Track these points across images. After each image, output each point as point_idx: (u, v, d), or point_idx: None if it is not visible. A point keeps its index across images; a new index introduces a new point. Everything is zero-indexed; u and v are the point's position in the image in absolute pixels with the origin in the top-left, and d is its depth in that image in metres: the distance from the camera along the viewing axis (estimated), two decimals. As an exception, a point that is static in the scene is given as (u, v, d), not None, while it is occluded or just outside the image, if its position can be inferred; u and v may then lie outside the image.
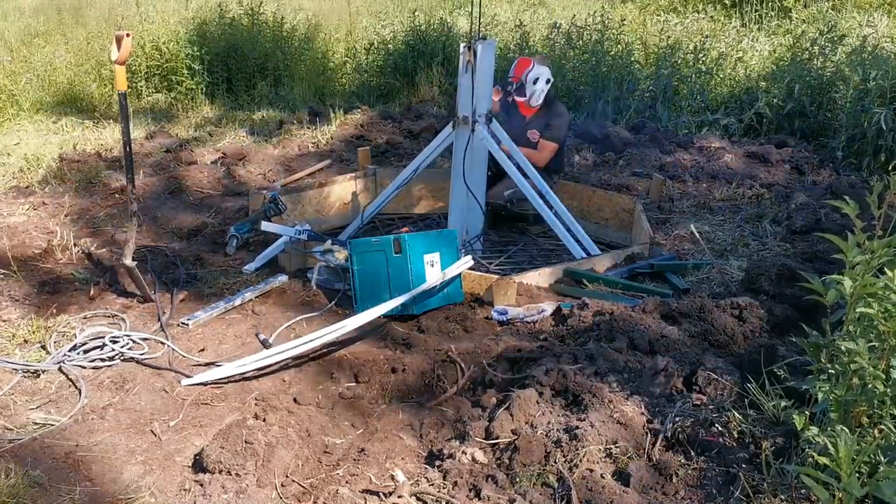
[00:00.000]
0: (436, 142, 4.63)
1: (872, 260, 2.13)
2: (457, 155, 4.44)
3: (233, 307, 3.69)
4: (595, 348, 2.90)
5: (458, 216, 4.55)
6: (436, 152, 4.67)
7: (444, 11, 10.50)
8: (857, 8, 10.30)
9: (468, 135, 4.37)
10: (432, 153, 4.66)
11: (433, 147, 4.64)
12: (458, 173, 4.44)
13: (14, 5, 10.79)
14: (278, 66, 8.84)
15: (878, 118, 5.73)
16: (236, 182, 5.63)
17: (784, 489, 2.12)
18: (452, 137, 4.47)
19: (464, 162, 4.38)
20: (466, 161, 4.38)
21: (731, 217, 5.04)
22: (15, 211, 4.86)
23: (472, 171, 4.44)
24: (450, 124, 4.49)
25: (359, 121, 7.21)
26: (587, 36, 8.30)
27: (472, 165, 4.41)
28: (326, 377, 3.07)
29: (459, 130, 4.41)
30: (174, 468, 2.50)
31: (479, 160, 4.46)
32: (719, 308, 3.31)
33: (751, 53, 7.98)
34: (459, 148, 4.40)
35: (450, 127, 4.49)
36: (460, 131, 4.41)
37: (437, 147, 4.62)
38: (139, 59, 8.49)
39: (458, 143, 4.42)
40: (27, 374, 3.05)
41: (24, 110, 7.68)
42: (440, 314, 3.60)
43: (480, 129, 4.37)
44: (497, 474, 2.29)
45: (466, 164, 4.38)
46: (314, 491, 2.38)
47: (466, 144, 4.37)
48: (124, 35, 3.39)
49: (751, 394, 2.54)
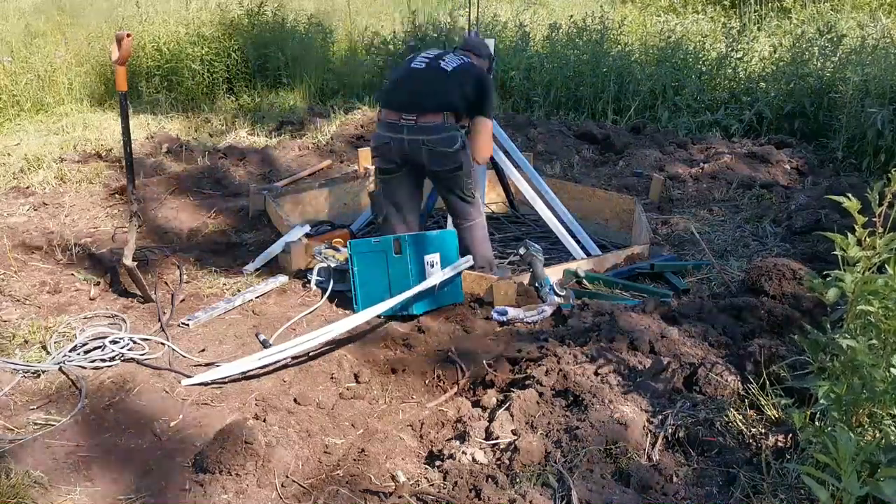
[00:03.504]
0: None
1: (873, 257, 2.13)
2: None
3: (233, 307, 3.69)
4: (595, 349, 2.90)
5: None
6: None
7: (444, 12, 10.49)
8: (857, 9, 10.31)
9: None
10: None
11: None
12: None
13: (15, 5, 10.79)
14: (279, 67, 8.84)
15: (878, 118, 5.72)
16: (236, 182, 5.63)
17: (784, 489, 2.12)
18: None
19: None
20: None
21: (731, 217, 5.04)
22: (15, 211, 4.86)
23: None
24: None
25: (359, 121, 7.22)
26: (587, 36, 8.30)
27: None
28: (326, 377, 3.07)
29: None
30: (174, 468, 2.50)
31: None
32: (719, 308, 3.31)
33: (751, 54, 7.98)
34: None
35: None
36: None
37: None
38: (140, 59, 8.50)
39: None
40: (27, 374, 3.05)
41: (24, 110, 7.68)
42: (440, 314, 3.60)
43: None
44: (497, 474, 2.29)
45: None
46: (314, 491, 2.38)
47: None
48: (124, 35, 3.39)
49: (751, 394, 2.54)
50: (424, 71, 3.83)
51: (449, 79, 3.78)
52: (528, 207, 4.73)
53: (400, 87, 3.89)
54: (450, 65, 3.82)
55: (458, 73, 3.81)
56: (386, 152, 3.85)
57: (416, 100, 3.76)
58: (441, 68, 3.81)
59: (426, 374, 3.08)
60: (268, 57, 8.85)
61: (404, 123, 3.74)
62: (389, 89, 3.97)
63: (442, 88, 3.76)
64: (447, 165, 3.82)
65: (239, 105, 8.44)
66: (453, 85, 3.78)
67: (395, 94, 3.87)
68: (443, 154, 3.77)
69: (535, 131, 6.74)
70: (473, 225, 4.01)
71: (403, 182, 3.96)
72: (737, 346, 2.97)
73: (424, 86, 3.79)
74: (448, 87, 3.77)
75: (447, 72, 3.80)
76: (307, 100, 8.59)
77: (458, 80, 3.79)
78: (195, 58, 8.50)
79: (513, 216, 5.21)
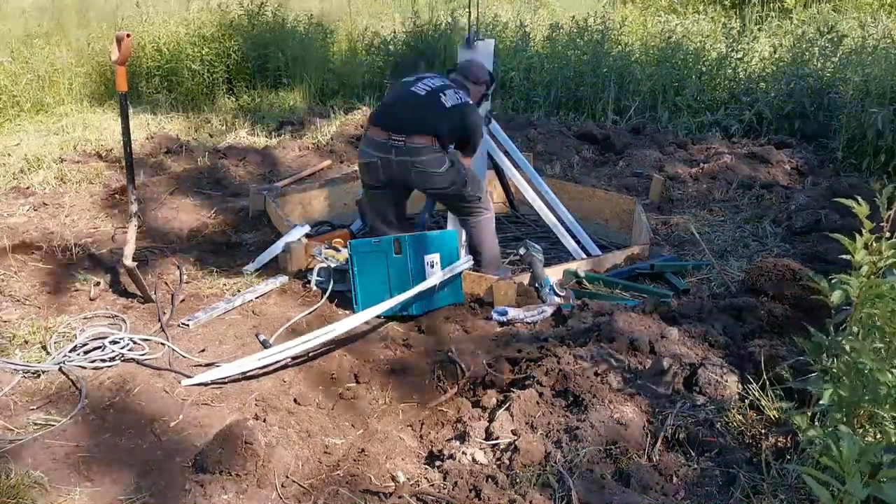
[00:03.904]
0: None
1: (879, 261, 2.14)
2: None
3: (233, 308, 3.68)
4: (595, 349, 2.90)
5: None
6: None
7: (444, 12, 10.49)
8: (857, 9, 10.31)
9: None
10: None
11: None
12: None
13: (16, 6, 10.79)
14: (279, 67, 8.84)
15: (878, 119, 5.72)
16: (236, 182, 5.63)
17: (784, 489, 2.12)
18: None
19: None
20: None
21: (731, 217, 5.04)
22: (15, 211, 4.86)
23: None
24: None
25: (359, 121, 7.21)
26: (588, 36, 8.30)
27: (471, 165, 4.40)
28: (326, 377, 3.06)
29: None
30: (174, 468, 2.50)
31: (478, 160, 4.46)
32: (719, 308, 3.31)
33: (751, 54, 7.98)
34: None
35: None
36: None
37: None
38: (140, 59, 8.50)
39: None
40: (27, 374, 3.05)
41: (24, 111, 7.68)
42: (440, 314, 3.60)
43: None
44: (497, 475, 2.29)
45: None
46: (314, 491, 2.38)
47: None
48: (124, 36, 3.39)
49: (751, 394, 2.54)
50: (424, 98, 3.84)
51: (445, 115, 3.80)
52: (528, 207, 4.73)
53: (395, 108, 3.89)
54: (449, 101, 3.83)
55: (455, 112, 3.83)
56: (372, 171, 3.86)
57: (408, 123, 3.76)
58: (441, 103, 3.82)
59: (426, 374, 3.08)
60: (268, 57, 8.85)
61: (393, 144, 3.75)
62: (385, 107, 3.98)
63: (436, 120, 3.78)
64: (438, 185, 3.84)
65: (239, 105, 8.44)
66: (448, 121, 3.80)
67: (389, 115, 3.87)
68: (432, 174, 3.78)
69: (535, 131, 6.74)
70: (483, 220, 4.03)
71: (389, 197, 3.99)
72: (737, 347, 2.97)
73: (420, 112, 3.80)
74: (443, 121, 3.79)
75: (446, 108, 3.81)
76: (307, 100, 8.58)
77: (453, 119, 3.82)
78: (195, 58, 8.50)
79: (513, 216, 5.21)
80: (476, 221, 4.01)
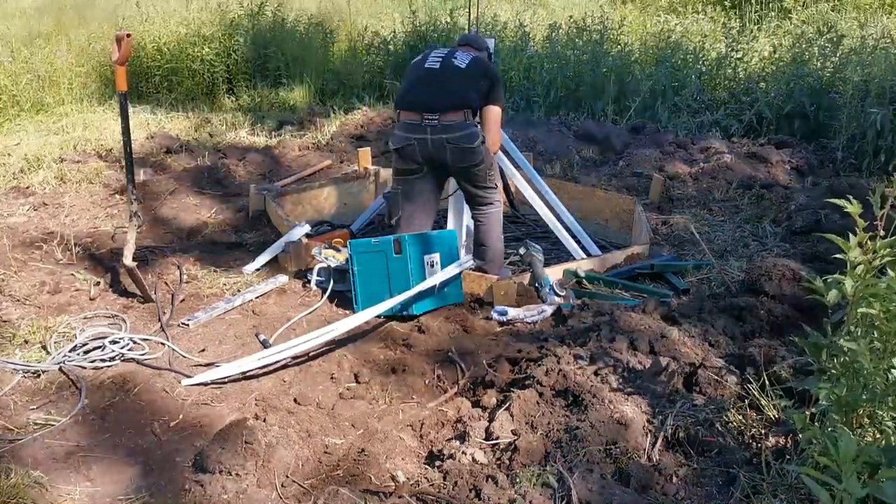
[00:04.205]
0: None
1: (874, 260, 2.13)
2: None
3: (233, 307, 3.69)
4: (595, 349, 2.90)
5: (458, 217, 4.54)
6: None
7: (444, 12, 10.49)
8: (857, 9, 10.31)
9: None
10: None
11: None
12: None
13: (16, 6, 10.79)
14: (279, 67, 8.84)
15: (878, 119, 5.73)
16: (236, 182, 5.63)
17: (784, 489, 2.12)
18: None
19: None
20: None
21: (731, 217, 5.05)
22: (15, 211, 4.86)
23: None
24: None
25: (359, 121, 7.22)
26: (587, 36, 8.30)
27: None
28: (326, 377, 3.07)
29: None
30: (174, 468, 2.50)
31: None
32: (719, 308, 3.31)
33: (751, 54, 7.98)
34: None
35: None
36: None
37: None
38: (140, 59, 8.50)
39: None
40: (27, 374, 3.05)
41: (24, 111, 7.68)
42: (440, 314, 3.60)
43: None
44: (497, 474, 2.29)
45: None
46: (314, 491, 2.38)
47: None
48: (124, 35, 3.39)
49: (751, 394, 2.54)
50: (440, 70, 3.89)
51: (465, 76, 3.86)
52: (528, 207, 4.73)
53: (419, 88, 3.92)
54: (462, 62, 3.89)
55: (472, 68, 3.89)
56: (409, 153, 3.88)
57: (436, 99, 3.81)
58: (456, 66, 3.88)
59: (426, 374, 3.08)
60: (268, 57, 8.86)
61: (427, 123, 3.79)
62: (407, 90, 3.99)
63: (460, 86, 3.84)
64: (471, 161, 3.87)
65: (239, 105, 8.44)
66: (469, 81, 3.86)
67: (415, 95, 3.90)
68: (467, 150, 3.82)
69: (535, 131, 6.74)
70: (494, 212, 4.07)
71: (424, 183, 4.00)
72: (737, 347, 2.97)
73: (443, 85, 3.85)
74: (465, 84, 3.85)
75: (462, 69, 3.87)
76: (307, 100, 8.59)
77: (472, 76, 3.87)
78: (195, 58, 8.50)
79: (513, 216, 5.20)
80: (488, 213, 4.05)
